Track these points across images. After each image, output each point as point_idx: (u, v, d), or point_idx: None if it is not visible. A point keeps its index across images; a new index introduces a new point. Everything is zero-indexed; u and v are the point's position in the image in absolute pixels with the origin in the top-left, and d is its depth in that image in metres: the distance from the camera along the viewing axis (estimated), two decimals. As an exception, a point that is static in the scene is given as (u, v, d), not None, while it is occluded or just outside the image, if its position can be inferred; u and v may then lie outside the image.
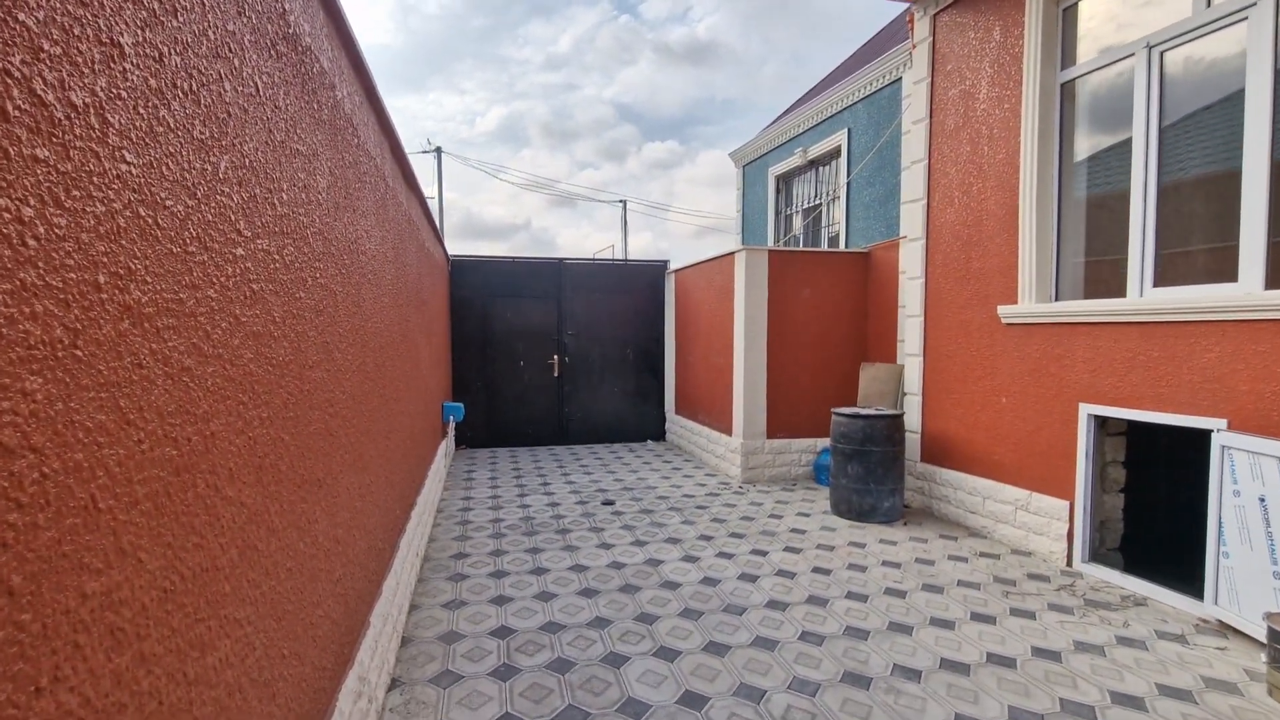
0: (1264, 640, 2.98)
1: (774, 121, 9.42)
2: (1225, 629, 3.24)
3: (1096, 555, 4.08)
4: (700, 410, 7.68)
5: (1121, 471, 4.16)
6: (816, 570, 4.04)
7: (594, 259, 8.94)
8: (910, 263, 5.54)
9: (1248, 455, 3.10)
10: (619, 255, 20.29)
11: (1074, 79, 4.33)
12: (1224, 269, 3.47)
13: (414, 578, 3.71)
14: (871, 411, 5.14)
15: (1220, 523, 3.23)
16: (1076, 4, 4.31)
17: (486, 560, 4.20)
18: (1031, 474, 4.42)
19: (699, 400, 7.72)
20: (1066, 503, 4.16)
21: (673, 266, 8.68)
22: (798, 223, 8.84)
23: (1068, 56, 4.37)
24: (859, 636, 3.17)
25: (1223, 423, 3.31)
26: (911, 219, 5.53)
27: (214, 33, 1.11)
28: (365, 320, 2.47)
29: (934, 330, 5.30)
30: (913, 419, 5.47)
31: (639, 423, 8.91)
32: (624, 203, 18.93)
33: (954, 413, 5.09)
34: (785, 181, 9.13)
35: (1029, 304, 4.41)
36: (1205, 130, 3.64)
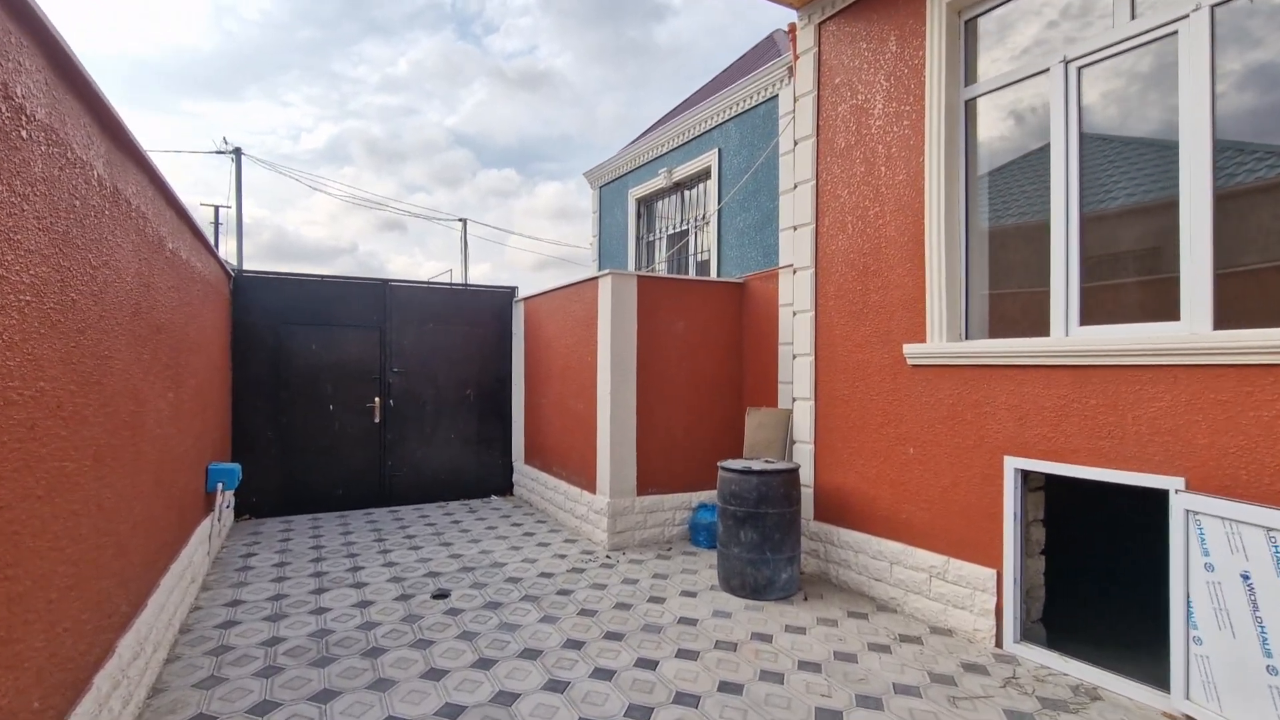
0: (1263, 751, 2.49)
1: (635, 140, 8.73)
2: (1198, 728, 2.74)
3: (1026, 632, 3.55)
4: (555, 462, 6.55)
5: (1042, 531, 3.70)
6: (725, 688, 3.08)
7: (428, 282, 7.56)
8: (798, 295, 4.93)
9: (1222, 522, 2.64)
10: (458, 281, 18.65)
11: (976, 96, 3.95)
12: (1160, 306, 3.09)
13: (93, 793, 2.19)
14: (766, 466, 4.37)
15: (1189, 601, 2.75)
16: (978, 17, 3.96)
17: (243, 725, 2.73)
18: (948, 536, 3.85)
19: (554, 450, 6.59)
20: (993, 571, 3.60)
21: (523, 293, 7.55)
22: (662, 250, 8.14)
23: (969, 73, 4.00)
24: (809, 812, 2.22)
25: (1180, 481, 2.87)
26: (798, 246, 4.94)
27: None
28: None
29: (826, 371, 4.69)
30: (804, 472, 4.79)
31: (481, 475, 7.55)
32: (464, 221, 17.18)
33: (853, 464, 4.47)
34: (647, 205, 8.42)
35: (939, 342, 3.89)
36: (1129, 159, 3.32)
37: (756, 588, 4.23)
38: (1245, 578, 2.56)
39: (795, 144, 5.06)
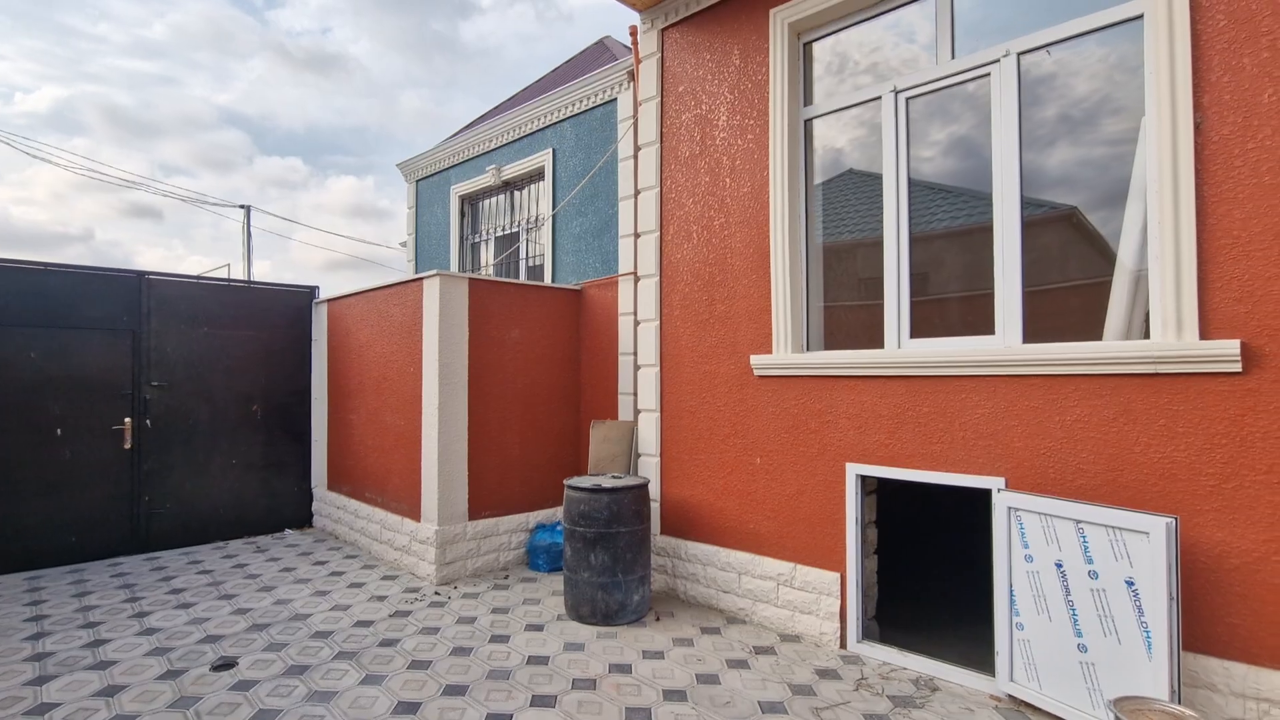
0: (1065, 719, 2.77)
1: (459, 132, 8.08)
2: (1019, 705, 3.00)
3: (866, 631, 3.71)
4: (369, 486, 5.76)
5: (875, 532, 3.92)
6: (591, 737, 2.77)
7: (201, 278, 6.28)
8: (642, 304, 4.81)
9: (1039, 517, 2.92)
10: (237, 277, 16.07)
11: (814, 117, 4.11)
12: (979, 321, 3.41)
13: None
14: (616, 483, 4.15)
15: (1011, 590, 3.02)
16: (814, 42, 4.13)
17: None
18: (794, 543, 3.93)
19: (368, 473, 5.79)
20: (836, 575, 3.72)
21: (325, 294, 6.59)
22: (490, 252, 7.61)
23: (807, 94, 4.16)
24: None
25: (1001, 481, 3.16)
26: (642, 254, 4.82)
27: None
28: None
29: (672, 382, 4.61)
30: (651, 486, 4.65)
31: (272, 506, 6.42)
32: (247, 209, 14.68)
33: (700, 476, 4.42)
34: (472, 204, 7.83)
35: (785, 354, 3.97)
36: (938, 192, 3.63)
37: (608, 613, 3.99)
38: (1059, 566, 2.85)
39: (638, 150, 4.94)
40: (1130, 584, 2.62)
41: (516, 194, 7.27)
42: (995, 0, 3.43)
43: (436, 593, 4.60)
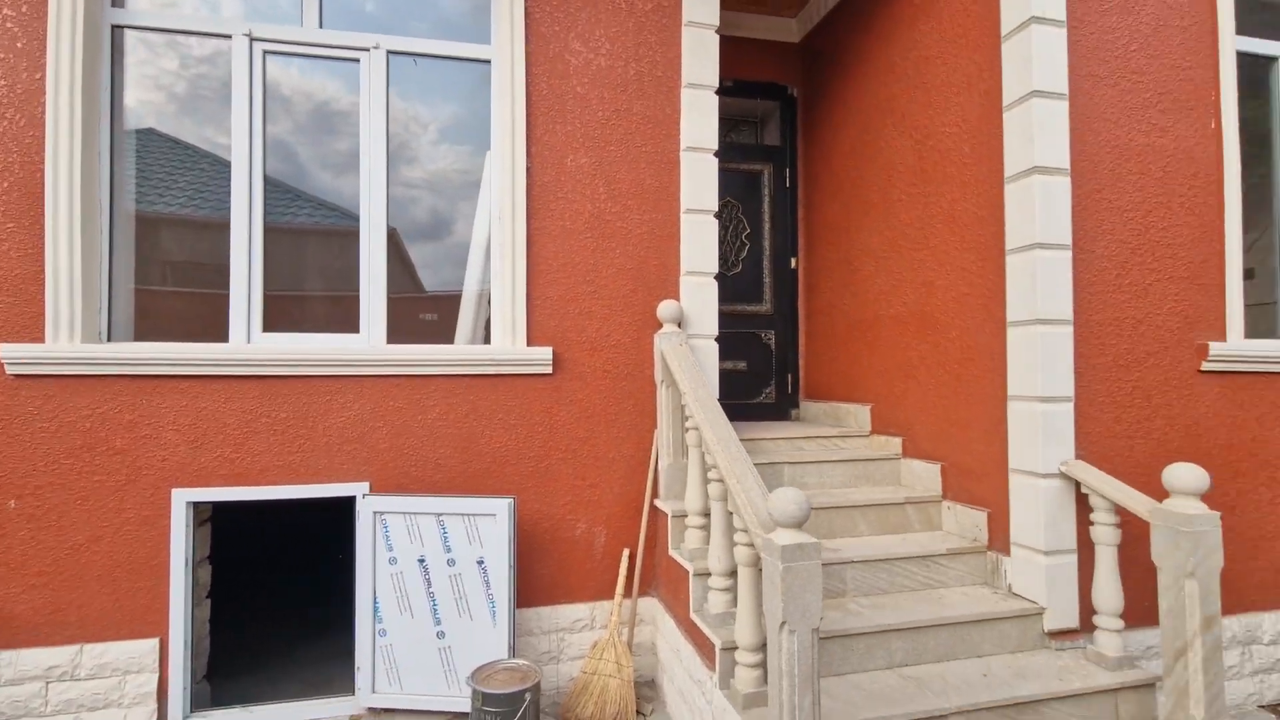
0: (437, 709, 2.87)
1: None
2: (380, 714, 2.93)
3: (197, 699, 2.94)
4: None
5: (208, 571, 3.18)
6: None
7: None
8: None
9: (404, 517, 2.93)
10: None
11: (129, 26, 3.06)
12: (344, 319, 3.20)
13: None
14: None
15: (375, 597, 2.92)
16: (131, -71, 3.08)
17: None
18: (83, 616, 2.77)
19: None
20: (155, 641, 2.82)
21: None
22: None
23: (119, -7, 3.06)
24: None
25: (365, 486, 3.02)
26: None
27: None
28: None
29: None
30: None
31: None
32: None
33: (-124, 547, 2.61)
34: None
35: (70, 343, 2.78)
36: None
37: None
38: (421, 561, 2.92)
39: None
40: (481, 563, 2.91)
41: None
42: (369, -11, 3.32)
43: None
